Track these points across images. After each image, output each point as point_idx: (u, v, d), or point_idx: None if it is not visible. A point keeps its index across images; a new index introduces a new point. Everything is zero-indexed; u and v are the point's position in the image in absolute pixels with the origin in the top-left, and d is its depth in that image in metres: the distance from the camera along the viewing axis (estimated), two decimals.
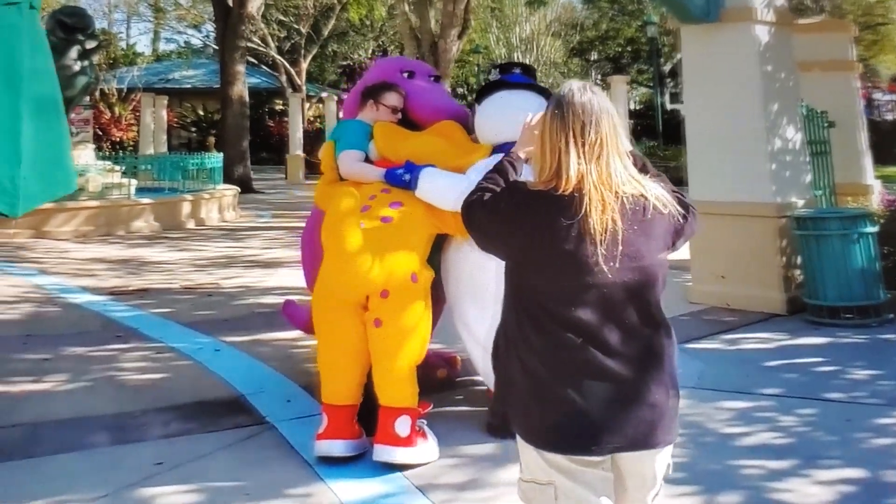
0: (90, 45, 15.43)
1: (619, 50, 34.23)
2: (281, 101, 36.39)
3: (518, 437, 2.45)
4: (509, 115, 4.79)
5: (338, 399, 4.48)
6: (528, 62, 31.94)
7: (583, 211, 2.27)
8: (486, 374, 4.67)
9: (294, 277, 10.11)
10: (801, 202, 7.52)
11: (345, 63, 38.08)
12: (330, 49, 38.41)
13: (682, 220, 2.40)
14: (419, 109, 5.14)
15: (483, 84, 5.20)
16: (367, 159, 4.86)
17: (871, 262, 6.74)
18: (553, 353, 2.31)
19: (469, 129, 5.07)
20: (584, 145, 2.32)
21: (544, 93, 5.04)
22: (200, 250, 12.99)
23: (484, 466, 4.28)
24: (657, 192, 2.36)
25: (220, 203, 16.75)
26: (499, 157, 4.70)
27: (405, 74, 5.31)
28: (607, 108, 2.37)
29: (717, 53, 7.50)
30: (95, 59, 16.73)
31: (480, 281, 4.52)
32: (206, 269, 11.17)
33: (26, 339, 7.27)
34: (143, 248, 13.00)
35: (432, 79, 5.47)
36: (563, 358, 2.30)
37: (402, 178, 4.60)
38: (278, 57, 32.24)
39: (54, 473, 4.45)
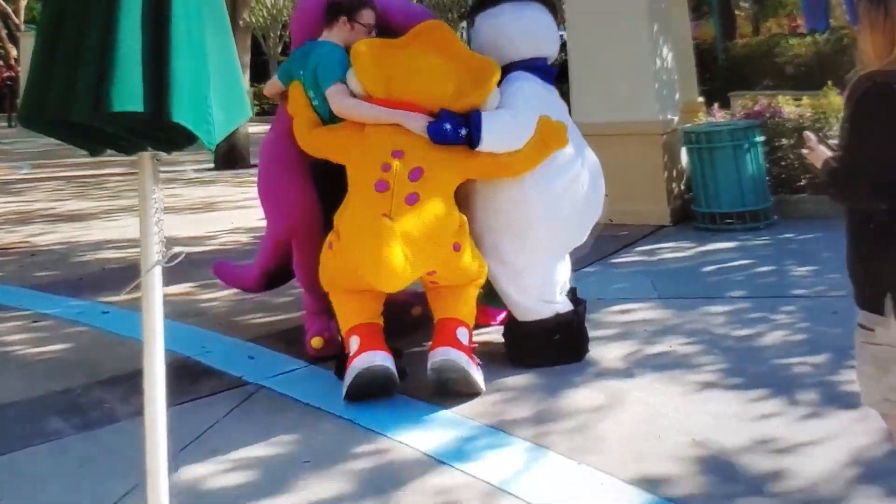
0: None
1: None
2: None
3: None
4: (526, 29, 4.48)
5: (362, 318, 4.06)
6: None
7: None
8: (517, 305, 4.41)
9: (119, 231, 9.09)
10: (675, 119, 7.84)
11: None
12: None
13: None
14: (396, 25, 4.59)
15: None
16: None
17: (761, 169, 7.18)
18: None
19: None
20: None
21: (547, 4, 4.70)
22: None
23: (541, 397, 4.05)
24: None
25: None
26: (525, 75, 4.42)
27: None
28: None
29: None
30: None
31: (520, 213, 4.26)
32: (2, 227, 9.73)
33: None
34: None
35: None
36: None
37: (456, 134, 4.05)
38: None
39: (37, 471, 3.64)
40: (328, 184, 4.21)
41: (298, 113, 4.36)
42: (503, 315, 4.78)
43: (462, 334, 4.05)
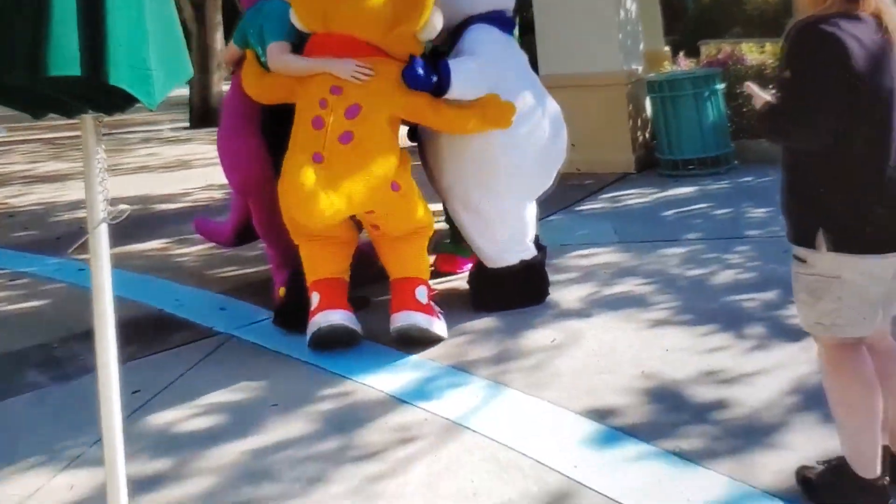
0: None
1: None
2: None
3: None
4: None
5: (326, 272, 4.19)
6: None
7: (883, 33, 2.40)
8: (487, 253, 4.57)
9: None
10: (639, 69, 7.93)
11: None
12: None
13: None
14: None
15: None
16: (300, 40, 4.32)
17: (722, 116, 7.31)
18: None
19: None
20: None
21: None
22: None
23: (501, 338, 4.21)
24: None
25: None
26: (484, 26, 4.47)
27: None
28: None
29: None
30: None
31: (485, 160, 4.37)
32: None
33: None
34: None
35: None
36: None
37: (428, 80, 4.09)
38: None
39: (15, 421, 3.78)
40: (279, 136, 4.30)
41: (246, 68, 4.45)
42: (470, 265, 4.93)
43: (421, 293, 4.15)
